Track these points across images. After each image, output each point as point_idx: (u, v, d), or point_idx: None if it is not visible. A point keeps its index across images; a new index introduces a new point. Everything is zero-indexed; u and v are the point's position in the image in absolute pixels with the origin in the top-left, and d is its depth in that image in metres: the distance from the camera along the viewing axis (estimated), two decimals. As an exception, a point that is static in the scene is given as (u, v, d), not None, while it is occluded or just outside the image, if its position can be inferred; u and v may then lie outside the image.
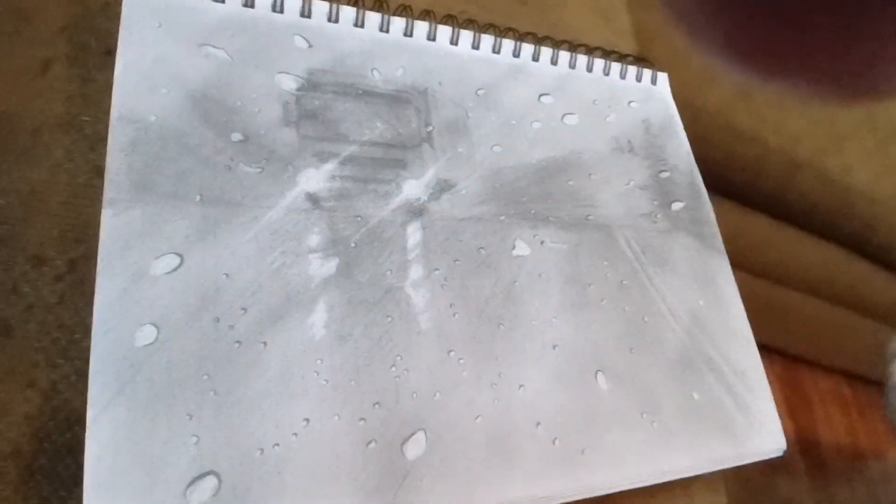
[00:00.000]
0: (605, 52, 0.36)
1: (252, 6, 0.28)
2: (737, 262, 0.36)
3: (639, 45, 0.41)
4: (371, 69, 0.29)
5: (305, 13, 0.29)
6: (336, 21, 0.29)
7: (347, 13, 0.30)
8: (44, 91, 0.26)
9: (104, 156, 0.24)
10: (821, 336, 0.85)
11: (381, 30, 0.30)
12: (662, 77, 0.38)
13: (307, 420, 0.23)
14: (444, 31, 0.31)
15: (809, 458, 1.01)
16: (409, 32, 0.31)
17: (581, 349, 0.28)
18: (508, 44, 0.33)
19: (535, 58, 0.34)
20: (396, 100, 0.29)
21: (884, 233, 0.52)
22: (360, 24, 0.30)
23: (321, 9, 0.29)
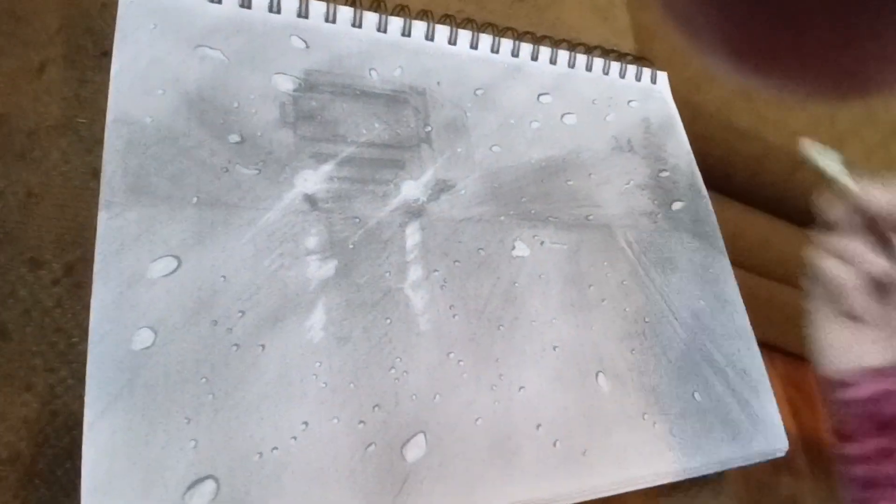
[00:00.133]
0: (605, 52, 0.36)
1: (248, 7, 0.28)
2: (738, 261, 0.36)
3: (638, 44, 0.41)
4: (369, 69, 0.29)
5: (302, 13, 0.29)
6: (333, 21, 0.29)
7: (345, 13, 0.29)
8: (40, 93, 0.26)
9: (100, 158, 0.24)
10: (823, 334, 0.84)
11: (379, 30, 0.30)
12: (662, 76, 0.38)
13: (306, 423, 0.22)
14: (443, 31, 0.31)
15: (812, 457, 1.00)
16: (407, 32, 0.31)
17: (582, 350, 0.28)
18: (507, 43, 0.33)
19: (534, 57, 0.33)
20: (394, 100, 0.29)
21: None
22: (358, 25, 0.30)
23: (318, 9, 0.29)
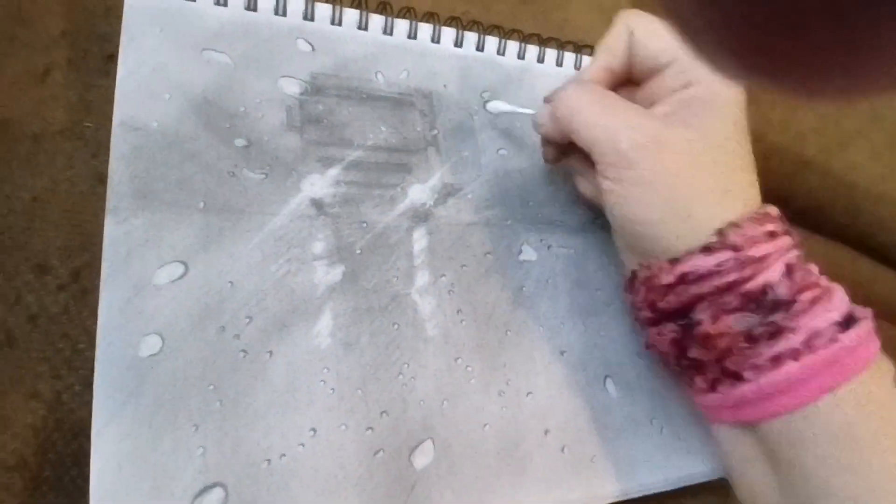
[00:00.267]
0: (611, 53, 0.35)
1: (254, 9, 0.27)
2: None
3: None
4: (375, 72, 0.29)
5: (308, 16, 0.28)
6: (339, 24, 0.29)
7: (350, 16, 0.29)
8: (45, 97, 0.26)
9: (106, 163, 0.24)
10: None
11: (385, 32, 0.30)
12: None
13: (314, 430, 0.22)
14: (449, 34, 0.31)
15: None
16: (413, 35, 0.30)
17: (590, 355, 0.28)
18: (513, 45, 0.33)
19: (541, 59, 0.33)
20: (401, 103, 0.29)
21: (890, 232, 0.52)
22: (364, 27, 0.29)
23: (324, 12, 0.29)
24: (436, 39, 0.31)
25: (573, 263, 0.29)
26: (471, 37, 0.32)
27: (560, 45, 0.34)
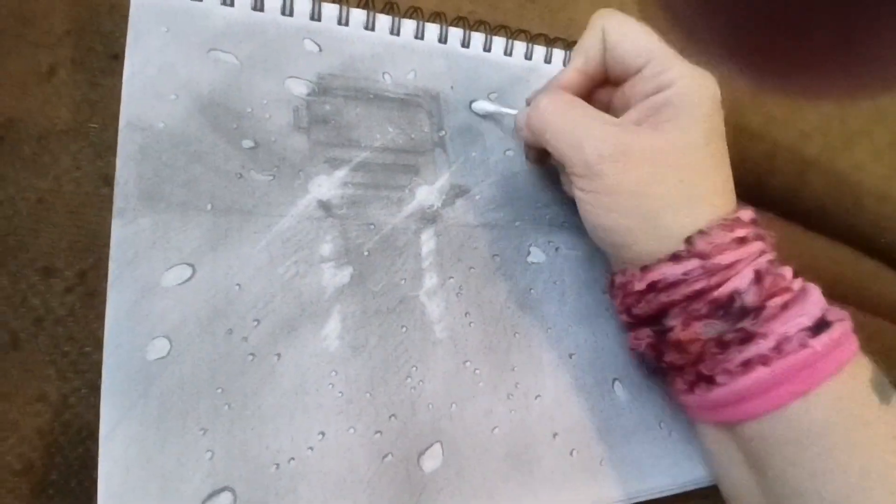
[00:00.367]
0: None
1: (261, 9, 0.27)
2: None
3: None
4: (382, 73, 0.29)
5: (315, 16, 0.28)
6: (346, 24, 0.29)
7: (357, 16, 0.29)
8: (50, 97, 0.26)
9: (112, 164, 0.24)
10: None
11: (392, 32, 0.30)
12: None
13: (322, 433, 0.22)
14: (456, 34, 0.31)
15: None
16: (420, 35, 0.30)
17: (598, 358, 0.27)
18: (520, 45, 0.33)
19: (548, 59, 0.33)
20: (408, 104, 0.29)
21: (893, 232, 0.52)
22: (371, 27, 0.29)
23: (331, 12, 0.28)
24: (443, 39, 0.31)
25: (581, 266, 0.29)
26: (478, 37, 0.31)
27: (567, 46, 0.34)
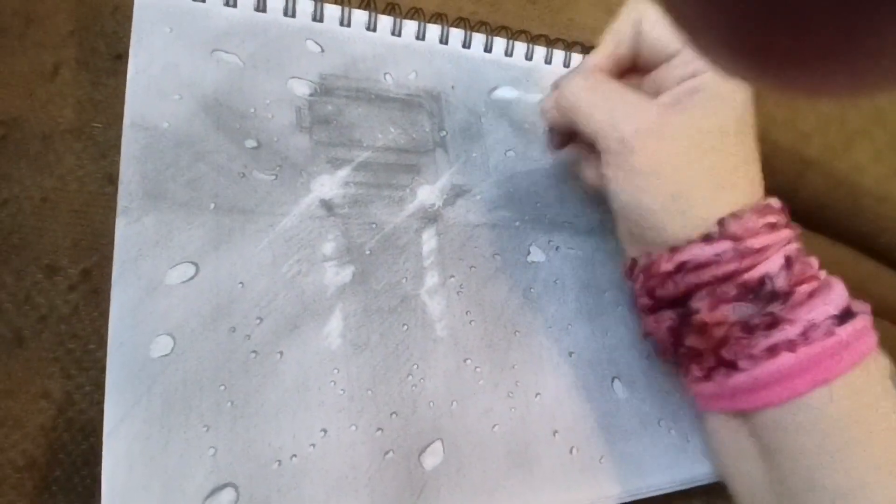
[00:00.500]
0: (618, 54, 0.35)
1: (264, 10, 0.27)
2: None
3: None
4: (384, 73, 0.29)
5: (317, 17, 0.28)
6: (348, 25, 0.29)
7: (359, 17, 0.29)
8: (54, 96, 0.26)
9: (116, 163, 0.24)
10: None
11: (393, 33, 0.30)
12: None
13: (324, 431, 0.22)
14: (457, 34, 0.31)
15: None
16: (421, 36, 0.30)
17: (597, 356, 0.28)
18: (521, 46, 0.33)
19: (548, 60, 0.33)
20: (409, 104, 0.29)
21: (892, 232, 0.52)
22: (372, 28, 0.29)
23: (333, 13, 0.29)
24: (444, 40, 0.31)
25: (581, 265, 0.29)
26: (479, 38, 0.32)
27: (567, 46, 0.34)
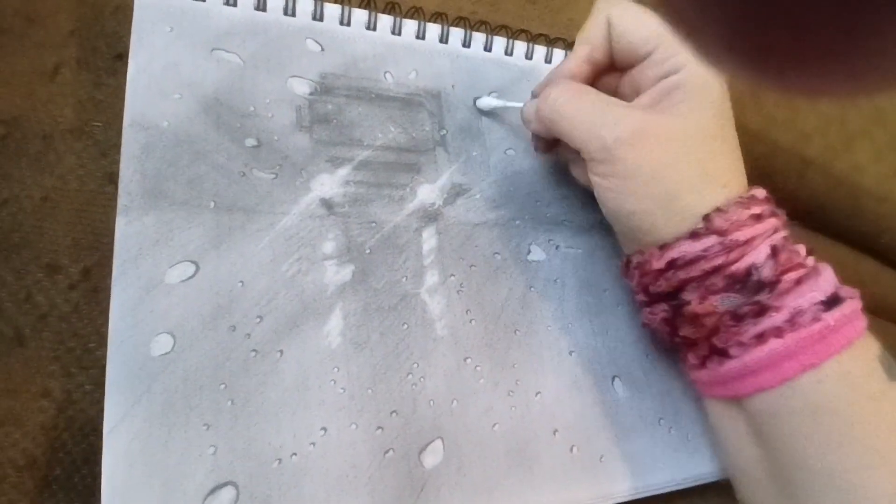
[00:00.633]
0: (618, 53, 0.35)
1: (264, 9, 0.27)
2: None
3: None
4: (384, 72, 0.29)
5: (317, 16, 0.28)
6: (348, 24, 0.29)
7: (359, 16, 0.29)
8: (54, 96, 0.26)
9: (116, 162, 0.24)
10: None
11: (394, 32, 0.30)
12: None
13: (325, 429, 0.22)
14: (457, 34, 0.31)
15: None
16: (422, 35, 0.30)
17: (598, 355, 0.28)
18: (521, 45, 0.33)
19: (548, 59, 0.33)
20: (409, 103, 0.29)
21: (893, 232, 0.52)
22: (373, 28, 0.29)
23: (333, 12, 0.29)
24: (444, 39, 0.31)
25: (581, 263, 0.29)
26: (479, 37, 0.32)
27: (567, 46, 0.34)
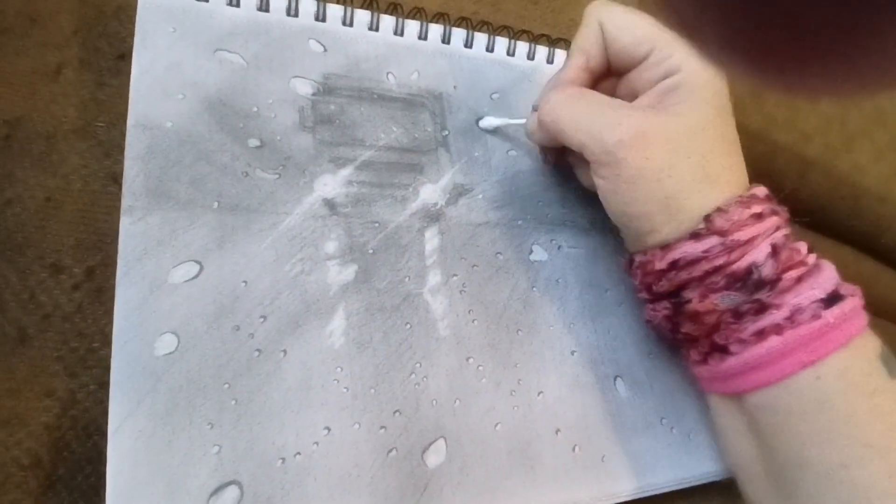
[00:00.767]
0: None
1: (267, 10, 0.28)
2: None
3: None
4: (386, 73, 0.29)
5: (320, 17, 0.28)
6: (350, 25, 0.29)
7: (362, 17, 0.29)
8: (57, 96, 0.26)
9: (119, 162, 0.24)
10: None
11: (396, 33, 0.30)
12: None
13: (328, 429, 0.22)
14: (459, 34, 0.31)
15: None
16: (424, 35, 0.30)
17: (599, 355, 0.28)
18: (523, 46, 0.33)
19: (550, 60, 0.33)
20: (412, 104, 0.29)
21: (893, 232, 0.52)
22: (375, 28, 0.29)
23: (335, 12, 0.29)
24: (446, 40, 0.31)
25: (583, 263, 0.29)
26: (481, 37, 0.32)
27: (569, 46, 0.34)
